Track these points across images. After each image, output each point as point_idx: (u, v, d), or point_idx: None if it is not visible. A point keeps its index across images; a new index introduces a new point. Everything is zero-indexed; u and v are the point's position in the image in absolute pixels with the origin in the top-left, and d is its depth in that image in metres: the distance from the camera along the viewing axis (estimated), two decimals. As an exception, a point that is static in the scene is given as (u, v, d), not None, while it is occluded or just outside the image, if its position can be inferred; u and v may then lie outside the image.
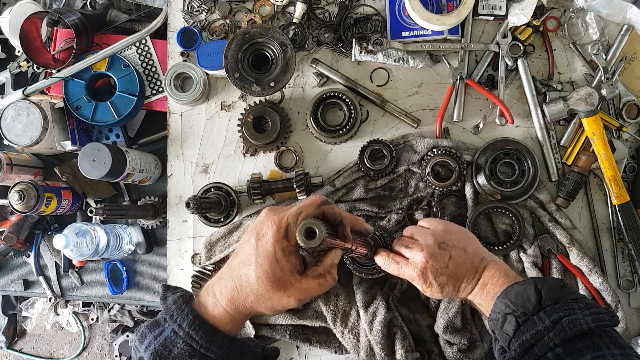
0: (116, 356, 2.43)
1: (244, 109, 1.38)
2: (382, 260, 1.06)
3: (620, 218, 1.28)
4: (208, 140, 1.42)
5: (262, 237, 0.84)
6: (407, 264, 1.02)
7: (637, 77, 1.35)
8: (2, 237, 1.54)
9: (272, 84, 1.23)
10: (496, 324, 0.90)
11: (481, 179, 1.29)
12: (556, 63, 1.34)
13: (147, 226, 1.51)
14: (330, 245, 0.85)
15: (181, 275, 1.40)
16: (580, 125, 1.31)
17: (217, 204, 1.29)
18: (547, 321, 0.83)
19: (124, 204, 1.54)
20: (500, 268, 0.99)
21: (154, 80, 1.50)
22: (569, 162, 1.32)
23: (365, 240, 1.07)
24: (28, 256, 1.61)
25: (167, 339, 0.84)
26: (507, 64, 1.33)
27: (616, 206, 1.28)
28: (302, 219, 0.82)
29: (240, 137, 1.38)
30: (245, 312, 0.87)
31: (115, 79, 1.46)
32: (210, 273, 1.30)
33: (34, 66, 1.56)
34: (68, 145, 1.45)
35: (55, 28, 1.51)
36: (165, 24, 1.46)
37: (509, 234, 1.30)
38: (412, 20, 1.34)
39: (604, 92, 1.28)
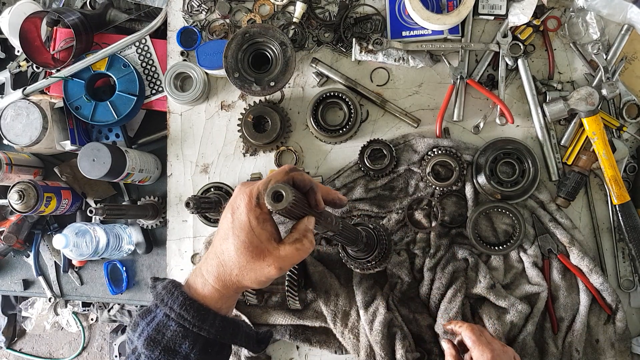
0: (116, 356, 2.43)
1: (244, 108, 1.38)
2: (469, 330, 1.12)
3: (620, 218, 1.28)
4: (208, 140, 1.42)
5: (236, 210, 0.85)
6: (488, 342, 1.10)
7: (638, 76, 1.35)
8: (2, 237, 1.54)
9: (272, 83, 1.23)
10: None
11: (481, 179, 1.29)
12: (556, 63, 1.34)
13: (147, 226, 1.51)
14: (301, 211, 0.85)
15: (181, 275, 1.40)
16: (581, 125, 1.31)
17: (217, 204, 1.29)
18: None
19: (123, 203, 1.53)
20: None
21: (153, 80, 1.49)
22: (570, 162, 1.32)
23: (353, 229, 1.07)
24: (28, 256, 1.61)
25: (159, 323, 0.85)
26: (507, 64, 1.33)
27: (616, 206, 1.28)
28: (271, 186, 0.82)
29: (240, 136, 1.38)
30: (232, 287, 0.87)
31: (115, 79, 1.46)
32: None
33: (34, 66, 1.55)
34: (68, 145, 1.45)
35: (54, 28, 1.51)
36: (165, 23, 1.46)
37: (509, 234, 1.30)
38: (412, 19, 1.33)
39: (604, 91, 1.28)
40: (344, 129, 1.32)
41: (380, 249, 1.16)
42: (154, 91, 1.50)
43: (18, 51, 1.59)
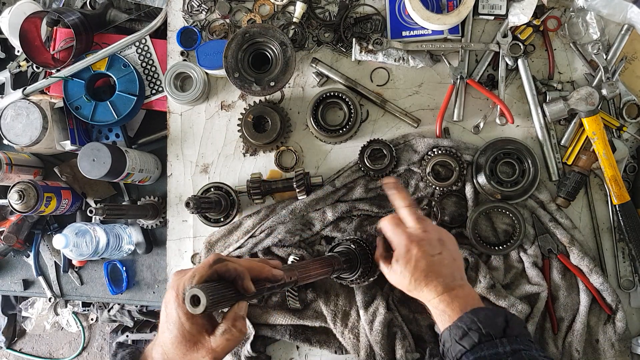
0: (116, 356, 2.42)
1: (244, 108, 1.38)
2: (387, 221, 1.11)
3: (620, 218, 1.28)
4: (208, 140, 1.42)
5: (168, 305, 0.89)
6: (404, 229, 1.07)
7: (638, 76, 1.35)
8: (2, 237, 1.54)
9: (272, 83, 1.23)
10: (454, 334, 0.95)
11: (481, 179, 1.29)
12: (556, 63, 1.34)
13: (147, 226, 1.51)
14: (228, 302, 0.87)
15: (181, 275, 1.40)
16: (581, 125, 1.31)
17: (216, 204, 1.29)
18: (507, 348, 0.90)
19: (123, 203, 1.53)
20: (474, 292, 1.06)
21: (153, 80, 1.49)
22: (570, 162, 1.32)
23: (320, 266, 1.07)
24: (28, 256, 1.61)
25: None
26: (507, 64, 1.33)
27: (617, 206, 1.28)
28: (196, 283, 0.85)
29: (240, 136, 1.38)
30: None
31: (115, 79, 1.46)
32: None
33: (34, 66, 1.55)
34: (68, 145, 1.45)
35: (54, 28, 1.51)
36: (165, 23, 1.46)
37: (509, 234, 1.30)
38: (413, 19, 1.33)
39: (604, 91, 1.28)
40: (344, 129, 1.32)
41: (364, 265, 1.18)
42: (154, 91, 1.50)
43: (18, 51, 1.59)
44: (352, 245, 1.19)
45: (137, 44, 1.48)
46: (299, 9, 1.37)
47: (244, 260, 0.94)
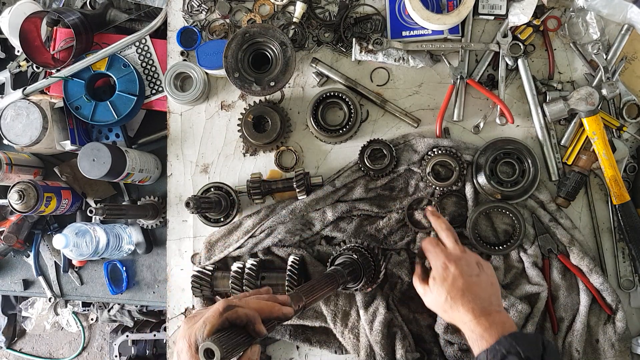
0: (116, 356, 2.42)
1: (244, 108, 1.38)
2: (426, 241, 1.15)
3: (620, 218, 1.28)
4: (208, 140, 1.42)
5: (180, 355, 0.88)
6: (442, 249, 1.11)
7: (638, 76, 1.35)
8: (2, 237, 1.54)
9: (272, 83, 1.23)
10: (491, 357, 0.97)
11: (481, 179, 1.29)
12: (556, 63, 1.34)
13: (147, 226, 1.51)
14: (243, 347, 0.87)
15: (181, 275, 1.40)
16: (581, 125, 1.31)
17: (216, 204, 1.29)
18: None
19: (123, 203, 1.54)
20: (511, 320, 1.06)
21: (153, 80, 1.49)
22: (570, 162, 1.32)
23: (324, 286, 1.07)
24: (28, 256, 1.61)
25: None
26: (507, 64, 1.33)
27: (616, 206, 1.28)
28: (207, 334, 0.85)
29: (240, 136, 1.38)
30: None
31: (115, 79, 1.46)
32: (210, 273, 1.30)
33: (34, 66, 1.56)
34: (68, 145, 1.45)
35: (54, 28, 1.51)
36: (165, 23, 1.46)
37: (510, 234, 1.30)
38: (413, 19, 1.33)
39: (604, 91, 1.28)
40: (344, 129, 1.32)
41: (368, 274, 1.18)
42: (154, 91, 1.50)
43: (18, 51, 1.59)
44: (354, 255, 1.18)
45: (137, 44, 1.48)
46: (299, 9, 1.37)
47: (252, 301, 0.92)
